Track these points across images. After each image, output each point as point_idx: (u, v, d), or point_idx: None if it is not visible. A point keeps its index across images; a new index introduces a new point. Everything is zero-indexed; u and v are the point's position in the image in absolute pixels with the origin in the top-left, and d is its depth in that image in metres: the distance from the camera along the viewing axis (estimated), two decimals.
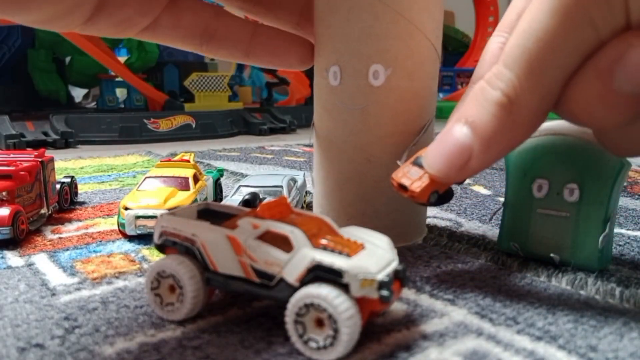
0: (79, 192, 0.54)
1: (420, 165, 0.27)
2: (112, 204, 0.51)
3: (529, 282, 0.31)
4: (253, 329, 0.25)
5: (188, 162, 0.48)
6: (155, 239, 0.27)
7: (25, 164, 0.43)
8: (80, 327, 0.26)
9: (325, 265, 0.22)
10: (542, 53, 0.20)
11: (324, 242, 0.24)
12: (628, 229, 0.41)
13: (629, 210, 0.47)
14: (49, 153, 0.48)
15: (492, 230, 0.41)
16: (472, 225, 0.42)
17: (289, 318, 0.23)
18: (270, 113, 1.41)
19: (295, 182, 0.46)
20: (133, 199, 0.40)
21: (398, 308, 0.27)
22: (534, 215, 0.33)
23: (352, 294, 0.22)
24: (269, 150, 0.93)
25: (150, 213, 0.39)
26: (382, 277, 0.22)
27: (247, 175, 0.56)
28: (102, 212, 0.48)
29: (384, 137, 0.33)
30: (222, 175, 0.55)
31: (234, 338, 0.25)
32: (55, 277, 0.32)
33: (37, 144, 1.00)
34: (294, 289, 0.23)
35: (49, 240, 0.40)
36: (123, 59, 1.45)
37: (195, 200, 0.42)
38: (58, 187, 0.48)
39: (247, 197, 0.40)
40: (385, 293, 0.22)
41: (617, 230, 0.40)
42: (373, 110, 0.33)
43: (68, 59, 1.46)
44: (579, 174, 0.31)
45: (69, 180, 0.50)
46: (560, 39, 0.19)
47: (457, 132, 0.23)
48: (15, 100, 1.36)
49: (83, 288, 0.30)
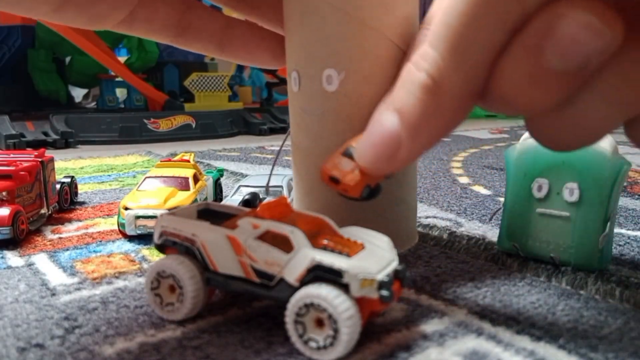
0: (79, 192, 0.54)
1: (351, 156, 0.25)
2: (112, 204, 0.51)
3: (529, 282, 0.31)
4: (253, 329, 0.25)
5: (188, 162, 0.48)
6: (155, 239, 0.27)
7: (25, 164, 0.43)
8: (80, 327, 0.26)
9: (326, 265, 0.22)
10: (465, 29, 0.18)
11: (324, 242, 0.24)
12: (628, 229, 0.41)
13: (629, 210, 0.47)
14: (49, 153, 0.48)
15: (492, 230, 0.41)
16: (472, 225, 0.42)
17: (289, 318, 0.23)
18: (270, 113, 1.41)
19: None
20: (133, 199, 0.40)
21: (398, 308, 0.27)
22: (534, 215, 0.33)
23: (352, 294, 0.22)
24: (269, 150, 0.93)
25: (150, 213, 0.39)
26: (382, 277, 0.22)
27: (247, 175, 0.56)
28: (102, 212, 0.48)
29: (343, 144, 0.32)
30: (222, 175, 0.55)
31: (234, 338, 0.25)
32: (55, 277, 0.32)
33: (37, 144, 1.00)
34: (294, 289, 0.23)
35: (49, 240, 0.40)
36: (123, 59, 1.45)
37: (195, 200, 0.42)
38: (58, 187, 0.48)
39: (247, 197, 0.40)
40: (385, 293, 0.22)
41: (617, 230, 0.40)
42: (330, 117, 0.31)
43: (68, 59, 1.46)
44: (579, 174, 0.31)
45: (69, 180, 0.50)
46: (482, 14, 0.18)
47: (385, 120, 0.21)
48: (15, 100, 1.36)
49: (83, 288, 0.30)
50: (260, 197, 0.42)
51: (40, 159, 0.45)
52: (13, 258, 0.36)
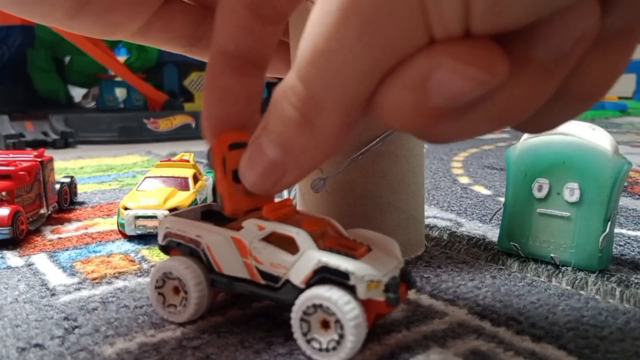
0: (79, 192, 0.54)
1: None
2: (111, 204, 0.51)
3: (530, 282, 0.31)
4: (253, 330, 0.25)
5: (188, 162, 0.48)
6: (160, 241, 0.27)
7: (25, 164, 0.43)
8: (80, 327, 0.26)
9: (332, 267, 0.22)
10: (339, 58, 0.15)
11: (330, 243, 0.23)
12: (628, 229, 0.41)
13: (630, 210, 0.47)
14: (49, 153, 0.48)
15: (492, 230, 0.41)
16: (472, 226, 0.42)
17: (296, 314, 0.23)
18: None
19: None
20: (133, 199, 0.40)
21: (398, 308, 0.27)
22: (535, 216, 0.33)
23: (358, 296, 0.22)
24: None
25: (150, 213, 0.39)
26: (388, 279, 0.22)
27: None
28: (101, 212, 0.48)
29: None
30: None
31: (234, 338, 0.25)
32: (55, 277, 0.32)
33: (36, 144, 1.00)
34: (300, 291, 0.23)
35: (49, 241, 0.40)
36: (123, 59, 1.45)
37: (195, 201, 0.42)
38: (58, 187, 0.48)
39: None
40: (392, 295, 0.22)
41: (617, 230, 0.40)
42: None
43: (68, 59, 1.46)
44: (580, 174, 0.31)
45: (69, 180, 0.50)
46: (367, 34, 0.15)
47: (267, 148, 0.20)
48: (15, 100, 1.36)
49: (83, 288, 0.30)
50: None
51: (40, 159, 0.45)
52: (13, 258, 0.36)
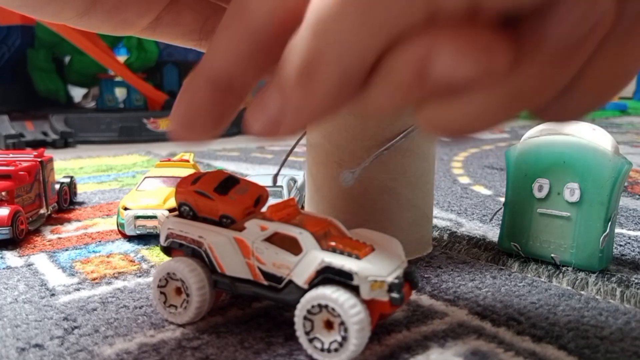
0: (78, 192, 0.54)
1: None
2: (111, 204, 0.51)
3: (530, 282, 0.31)
4: (253, 330, 0.25)
5: (188, 162, 0.48)
6: (162, 242, 0.27)
7: (25, 164, 0.43)
8: (80, 327, 0.26)
9: (335, 267, 0.22)
10: (340, 26, 0.15)
11: (333, 243, 0.23)
12: (629, 229, 0.41)
13: (630, 210, 0.47)
14: (48, 153, 0.48)
15: (492, 231, 0.41)
16: (472, 226, 0.42)
17: (299, 312, 0.23)
18: None
19: (295, 182, 0.46)
20: (132, 199, 0.40)
21: (399, 308, 0.27)
22: (535, 216, 0.33)
23: (362, 297, 0.22)
24: (269, 151, 0.93)
25: (150, 213, 0.38)
26: (392, 279, 0.22)
27: (247, 176, 0.56)
28: (101, 212, 0.48)
29: (353, 140, 0.32)
30: None
31: (234, 339, 0.24)
32: (55, 277, 0.32)
33: (36, 144, 1.00)
34: (303, 292, 0.23)
35: (48, 241, 0.40)
36: (122, 59, 1.45)
37: None
38: (57, 187, 0.48)
39: None
40: (396, 295, 0.22)
41: (617, 231, 0.40)
42: (340, 113, 0.32)
43: (67, 59, 1.46)
44: (580, 174, 0.31)
45: (68, 180, 0.50)
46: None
47: (269, 97, 0.20)
48: (15, 100, 1.36)
49: (82, 288, 0.30)
50: None
51: (40, 159, 0.45)
52: (12, 258, 0.35)
